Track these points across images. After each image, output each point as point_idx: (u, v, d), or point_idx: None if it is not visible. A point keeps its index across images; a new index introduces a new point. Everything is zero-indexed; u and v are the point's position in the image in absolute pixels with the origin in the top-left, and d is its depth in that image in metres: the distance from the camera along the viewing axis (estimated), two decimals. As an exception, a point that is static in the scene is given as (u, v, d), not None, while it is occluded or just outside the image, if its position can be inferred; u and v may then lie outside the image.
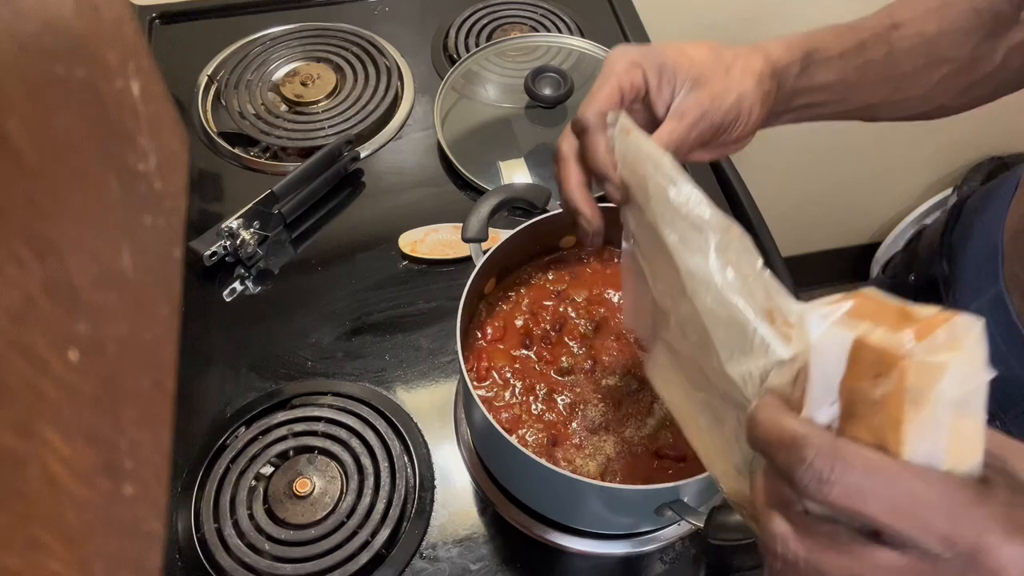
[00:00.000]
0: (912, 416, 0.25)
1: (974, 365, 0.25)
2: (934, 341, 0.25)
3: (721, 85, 0.51)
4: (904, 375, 0.25)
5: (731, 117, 0.51)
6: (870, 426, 0.26)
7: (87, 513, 0.22)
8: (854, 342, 0.26)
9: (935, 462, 0.26)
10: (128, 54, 0.30)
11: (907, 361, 0.25)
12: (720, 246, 0.34)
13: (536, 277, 0.68)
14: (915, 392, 0.25)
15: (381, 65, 0.97)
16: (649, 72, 0.50)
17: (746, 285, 0.33)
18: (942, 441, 0.26)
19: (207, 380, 0.73)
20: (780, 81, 0.55)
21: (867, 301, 0.27)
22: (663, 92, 0.51)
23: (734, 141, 0.55)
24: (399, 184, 0.88)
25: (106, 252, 0.25)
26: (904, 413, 0.25)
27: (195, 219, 0.83)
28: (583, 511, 0.62)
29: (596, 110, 0.48)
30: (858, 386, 0.26)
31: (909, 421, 0.25)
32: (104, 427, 0.23)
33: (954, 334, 0.25)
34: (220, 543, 0.62)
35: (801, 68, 0.56)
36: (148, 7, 1.03)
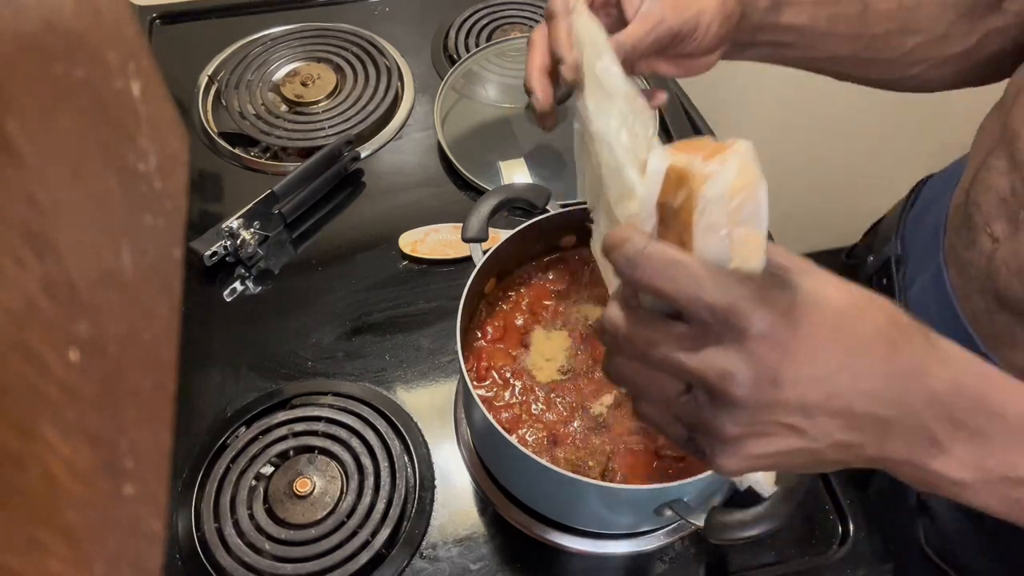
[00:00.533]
0: (697, 217, 0.32)
1: (743, 180, 0.31)
2: (716, 159, 0.32)
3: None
4: (691, 185, 0.32)
5: (689, 27, 0.56)
6: (674, 232, 0.34)
7: (87, 513, 0.22)
8: (668, 167, 0.34)
9: (721, 259, 0.33)
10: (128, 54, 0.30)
11: (694, 172, 0.32)
12: (622, 113, 0.42)
13: (536, 277, 0.68)
14: (698, 198, 0.32)
15: (381, 65, 0.97)
16: None
17: (634, 144, 0.40)
18: (724, 243, 0.32)
19: (207, 380, 0.73)
20: (745, 9, 0.59)
21: (698, 142, 0.34)
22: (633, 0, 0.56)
23: (690, 55, 0.59)
24: (399, 184, 0.88)
25: (106, 252, 0.25)
26: (692, 216, 0.32)
27: (195, 219, 0.83)
28: (583, 511, 0.62)
29: (563, 1, 0.54)
30: (666, 200, 0.34)
31: (694, 219, 0.32)
32: (104, 427, 0.23)
33: (728, 153, 0.32)
34: (220, 543, 0.62)
35: (770, 3, 0.60)
36: (148, 7, 1.03)
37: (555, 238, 0.67)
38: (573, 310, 0.66)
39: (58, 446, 0.20)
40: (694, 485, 0.53)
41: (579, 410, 0.61)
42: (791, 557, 0.64)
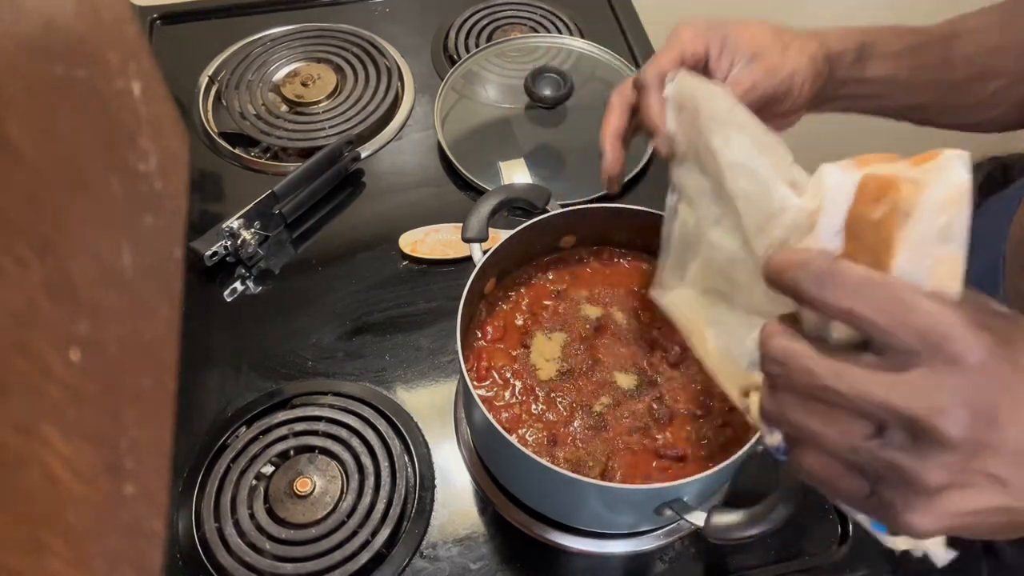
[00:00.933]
0: (902, 227, 0.29)
1: (958, 191, 0.29)
2: (926, 166, 0.29)
3: (777, 61, 0.55)
4: (899, 193, 0.29)
5: (783, 90, 0.55)
6: (868, 246, 0.30)
7: (88, 512, 0.22)
8: (863, 176, 0.30)
9: (919, 281, 0.30)
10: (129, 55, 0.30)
11: (901, 180, 0.29)
12: (758, 142, 0.40)
13: (536, 277, 0.68)
14: (906, 208, 0.29)
15: (381, 65, 0.97)
16: (712, 43, 0.55)
17: (776, 167, 0.38)
18: (926, 261, 0.29)
19: (208, 380, 0.73)
20: (832, 66, 0.58)
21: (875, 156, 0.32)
22: (723, 63, 0.55)
23: (782, 115, 0.58)
24: (399, 184, 0.88)
25: (107, 252, 0.25)
26: (895, 229, 0.29)
27: (196, 219, 0.83)
28: (583, 511, 0.62)
29: (656, 71, 0.53)
30: (861, 212, 0.30)
31: (899, 235, 0.29)
32: (105, 427, 0.23)
33: (941, 161, 0.29)
34: (221, 542, 0.62)
35: (855, 58, 0.59)
36: (149, 7, 1.03)
37: (555, 238, 0.67)
38: (573, 310, 0.66)
39: (59, 446, 0.20)
40: (694, 485, 0.53)
41: (579, 410, 0.61)
42: (791, 557, 0.64)
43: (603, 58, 0.96)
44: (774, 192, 0.37)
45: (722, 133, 0.43)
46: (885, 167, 0.30)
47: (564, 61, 0.97)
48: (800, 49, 0.56)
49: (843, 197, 0.31)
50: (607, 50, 0.96)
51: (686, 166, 0.50)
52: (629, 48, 1.01)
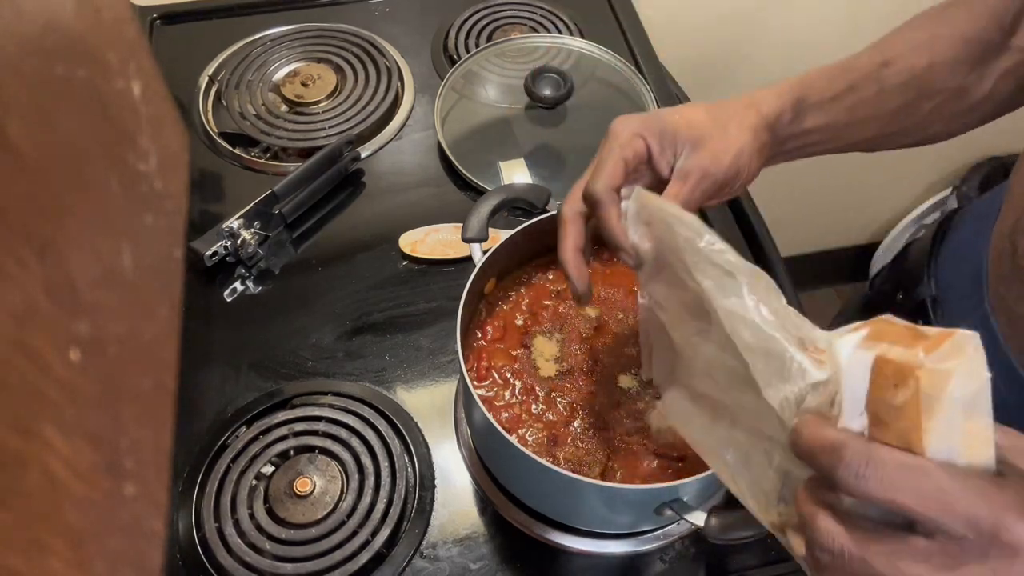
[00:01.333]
0: (928, 417, 0.29)
1: (976, 369, 0.29)
2: (941, 352, 0.29)
3: (720, 145, 0.53)
4: (919, 382, 0.29)
5: (732, 172, 0.54)
6: (895, 431, 0.30)
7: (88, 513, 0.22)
8: (876, 359, 0.31)
9: (953, 458, 0.29)
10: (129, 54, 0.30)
11: (921, 370, 0.29)
12: (751, 287, 0.39)
13: (536, 277, 0.68)
14: (928, 396, 0.29)
15: (381, 65, 0.97)
16: (651, 139, 0.53)
17: (778, 320, 0.37)
18: (957, 438, 0.29)
19: (208, 380, 0.73)
20: (773, 132, 0.57)
21: (884, 325, 0.32)
22: (666, 155, 0.54)
23: (737, 190, 0.57)
24: (399, 184, 0.88)
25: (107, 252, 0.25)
26: (921, 416, 0.29)
27: (196, 219, 0.84)
28: (583, 511, 0.62)
29: (605, 184, 0.51)
30: (882, 397, 0.30)
31: (927, 422, 0.29)
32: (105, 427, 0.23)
33: (956, 345, 0.29)
34: (221, 542, 0.62)
35: (793, 115, 0.58)
36: (149, 7, 1.03)
37: (555, 238, 0.67)
38: (573, 310, 0.66)
39: (58, 446, 0.20)
40: (694, 485, 0.53)
41: (579, 410, 0.61)
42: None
43: (603, 58, 0.96)
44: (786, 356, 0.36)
45: (710, 274, 0.42)
46: (899, 352, 0.30)
47: (564, 61, 0.97)
48: (739, 126, 0.54)
49: (861, 378, 0.31)
50: (607, 50, 0.96)
51: (658, 277, 0.49)
52: (629, 48, 1.01)
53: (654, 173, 0.54)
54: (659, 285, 0.49)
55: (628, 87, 0.94)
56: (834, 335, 0.33)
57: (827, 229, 1.80)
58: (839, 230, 1.82)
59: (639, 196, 0.50)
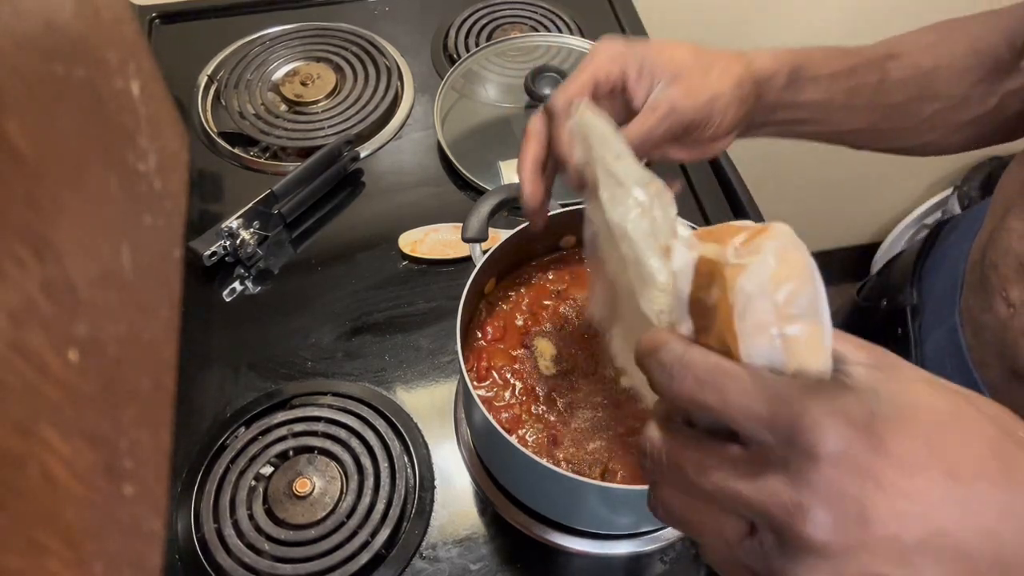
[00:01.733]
0: (733, 314, 0.27)
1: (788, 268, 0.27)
2: (750, 247, 0.27)
3: (697, 83, 0.52)
4: (725, 280, 0.27)
5: (703, 115, 0.52)
6: (715, 334, 0.28)
7: (87, 513, 0.22)
8: (698, 258, 0.29)
9: (775, 363, 0.27)
10: (128, 54, 0.30)
11: (727, 267, 0.27)
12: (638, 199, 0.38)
13: (536, 277, 0.68)
14: (731, 293, 0.27)
15: (381, 65, 0.97)
16: (629, 66, 0.52)
17: (654, 229, 0.36)
18: (776, 342, 0.27)
19: (207, 380, 0.73)
20: (761, 90, 0.55)
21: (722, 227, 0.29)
22: (642, 85, 0.52)
23: (708, 140, 0.55)
24: (399, 184, 0.88)
25: (106, 252, 0.25)
26: (733, 317, 0.27)
27: (195, 219, 0.83)
28: (583, 511, 0.62)
29: (566, 96, 0.50)
30: (699, 297, 0.29)
31: (738, 323, 0.27)
32: (104, 427, 0.23)
33: (761, 241, 0.27)
34: (220, 543, 0.62)
35: (787, 81, 0.56)
36: (148, 7, 1.03)
37: (555, 238, 0.67)
38: (573, 310, 0.66)
39: (58, 446, 0.20)
40: (694, 485, 0.52)
41: (579, 410, 0.61)
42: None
43: (603, 58, 0.96)
44: (645, 263, 0.35)
45: (608, 185, 0.40)
46: (713, 248, 0.28)
47: (564, 61, 0.97)
48: (723, 71, 0.53)
49: (685, 279, 0.29)
50: (607, 50, 0.96)
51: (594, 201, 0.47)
52: (629, 48, 1.01)
53: (628, 103, 0.53)
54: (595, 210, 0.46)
55: (628, 87, 0.94)
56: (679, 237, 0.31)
57: (828, 229, 1.80)
58: (840, 230, 1.82)
59: (580, 110, 0.48)
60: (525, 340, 0.64)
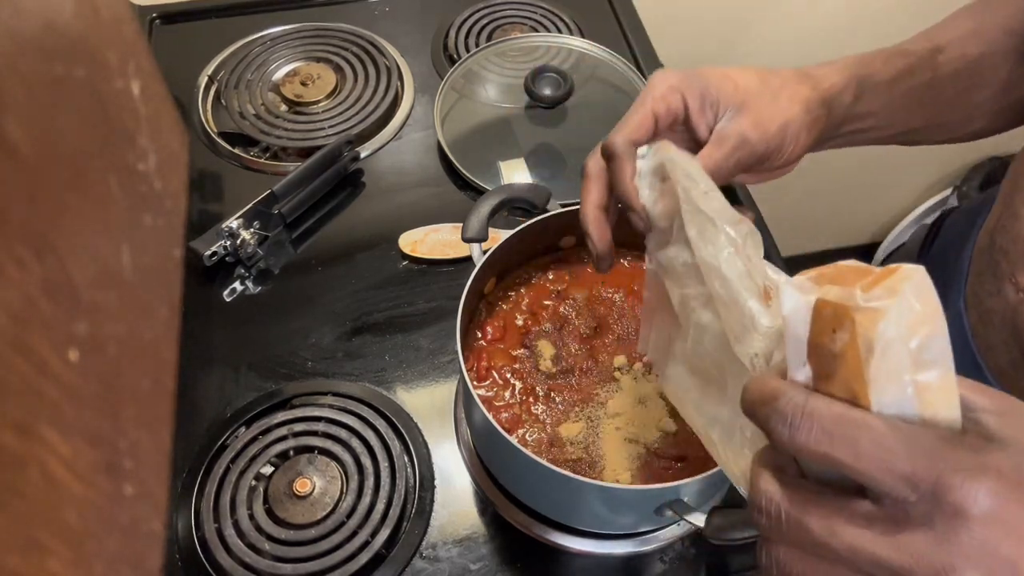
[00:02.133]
0: (869, 365, 0.26)
1: (923, 312, 0.25)
2: (880, 289, 0.26)
3: (767, 112, 0.50)
4: (855, 325, 0.26)
5: (775, 144, 0.50)
6: (839, 382, 0.27)
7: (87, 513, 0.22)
8: (816, 302, 0.27)
9: (906, 412, 0.26)
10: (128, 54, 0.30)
11: (856, 311, 0.26)
12: (730, 237, 0.37)
13: (536, 277, 0.68)
14: (867, 340, 0.25)
15: (381, 65, 0.97)
16: (690, 97, 0.49)
17: (750, 269, 0.35)
18: (908, 391, 0.26)
19: (207, 380, 0.73)
20: (831, 108, 0.53)
21: (839, 269, 0.28)
22: (706, 116, 0.50)
23: (781, 167, 0.53)
24: (399, 184, 0.88)
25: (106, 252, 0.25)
26: (862, 363, 0.26)
27: (195, 219, 0.83)
28: (583, 511, 0.62)
29: (626, 137, 0.47)
30: (821, 342, 0.27)
31: (868, 371, 0.26)
32: (104, 427, 0.23)
33: (895, 282, 0.26)
34: (220, 543, 0.62)
35: (854, 96, 0.54)
36: (148, 7, 1.03)
37: (555, 238, 0.67)
38: (573, 310, 0.66)
39: (58, 446, 0.20)
40: (694, 485, 0.52)
41: (579, 410, 0.61)
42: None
43: (603, 58, 0.96)
44: (743, 305, 0.34)
45: (696, 223, 0.39)
46: (837, 292, 0.27)
47: (564, 61, 0.97)
48: (792, 96, 0.51)
49: (802, 324, 0.28)
50: (607, 50, 0.96)
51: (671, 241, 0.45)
52: (629, 47, 1.01)
53: (691, 135, 0.51)
54: (670, 248, 0.45)
55: (628, 87, 0.94)
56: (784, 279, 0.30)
57: (828, 229, 1.80)
58: (840, 230, 1.82)
59: (659, 148, 0.46)
60: (525, 340, 0.64)
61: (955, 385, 0.26)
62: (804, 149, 0.53)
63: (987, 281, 0.60)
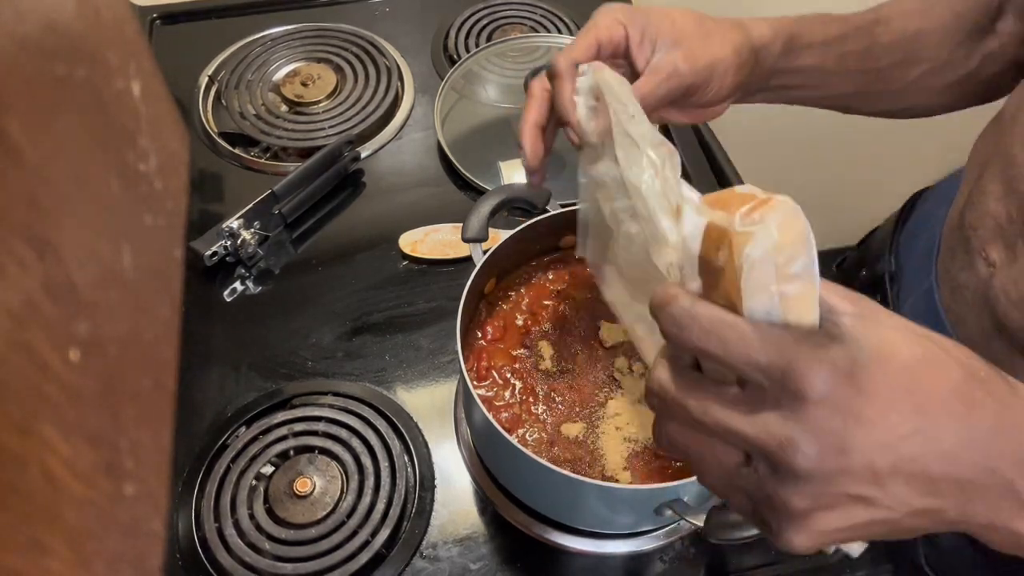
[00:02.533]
0: (740, 277, 0.30)
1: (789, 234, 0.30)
2: (756, 216, 0.30)
3: (698, 49, 0.54)
4: (731, 245, 0.30)
5: (702, 79, 0.54)
6: (721, 293, 0.31)
7: (88, 513, 0.22)
8: (707, 224, 0.32)
9: (773, 317, 0.31)
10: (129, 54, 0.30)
11: (733, 233, 0.30)
12: (651, 159, 0.41)
13: (536, 277, 0.68)
14: (738, 257, 0.30)
15: (381, 65, 0.97)
16: (631, 30, 0.54)
17: (665, 189, 0.39)
18: (775, 301, 0.30)
19: (207, 380, 0.73)
20: (759, 57, 0.58)
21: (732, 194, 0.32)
22: (644, 50, 0.54)
23: (706, 105, 0.57)
24: (399, 184, 0.88)
25: (106, 252, 0.25)
26: (738, 278, 0.30)
27: (196, 219, 0.83)
28: (583, 511, 0.62)
29: (569, 58, 0.52)
30: (708, 259, 0.32)
31: (742, 283, 0.30)
32: (105, 427, 0.23)
33: (765, 212, 0.30)
34: (221, 543, 0.62)
35: (783, 48, 0.59)
36: (148, 7, 1.03)
37: (555, 238, 0.67)
38: (573, 310, 0.66)
39: (58, 446, 0.20)
40: (694, 485, 0.53)
41: (579, 410, 0.61)
42: (790, 557, 0.64)
43: (603, 58, 0.96)
44: (658, 223, 0.38)
45: (623, 144, 0.43)
46: (721, 215, 0.31)
47: (564, 61, 0.97)
48: (723, 38, 0.55)
49: (695, 242, 0.32)
50: (607, 50, 0.96)
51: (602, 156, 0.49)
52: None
53: (631, 66, 0.55)
54: (601, 164, 0.49)
55: (628, 87, 0.94)
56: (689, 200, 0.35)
57: (825, 229, 1.80)
58: (837, 230, 1.82)
59: (595, 70, 0.50)
60: (525, 340, 0.64)
61: (816, 295, 0.31)
62: (731, 88, 0.57)
63: (959, 256, 0.61)
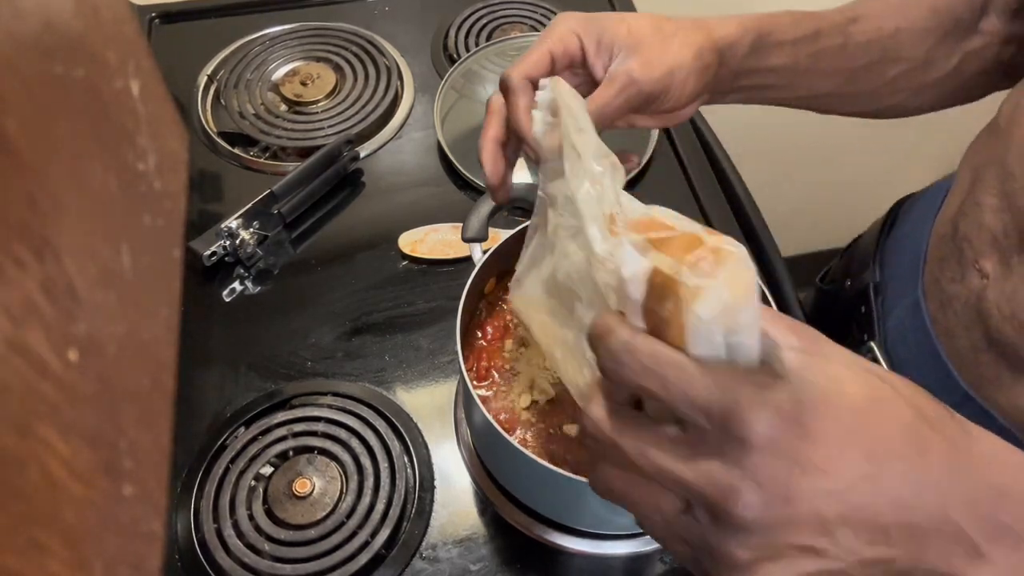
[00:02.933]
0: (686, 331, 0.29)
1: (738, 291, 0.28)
2: (700, 267, 0.29)
3: (656, 55, 0.52)
4: (679, 296, 0.29)
5: (661, 87, 0.52)
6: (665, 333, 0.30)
7: (87, 513, 0.22)
8: (652, 272, 0.30)
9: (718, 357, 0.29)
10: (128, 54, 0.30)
11: (681, 284, 0.29)
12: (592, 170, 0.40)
13: (536, 277, 0.68)
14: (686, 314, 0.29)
15: (381, 65, 0.97)
16: (587, 39, 0.52)
17: (600, 196, 0.38)
18: (721, 350, 0.29)
19: (207, 380, 0.73)
20: (724, 58, 0.56)
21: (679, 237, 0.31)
22: (601, 58, 0.53)
23: (669, 110, 0.56)
24: (399, 184, 0.88)
25: (105, 252, 0.25)
26: (682, 328, 0.29)
27: (195, 219, 0.83)
28: (583, 511, 0.62)
29: (522, 72, 0.50)
30: (653, 307, 0.31)
31: (687, 335, 0.29)
32: (104, 427, 0.23)
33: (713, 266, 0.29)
34: (220, 543, 0.62)
35: (751, 48, 0.57)
36: (148, 7, 1.03)
37: (555, 238, 0.67)
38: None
39: (57, 446, 0.20)
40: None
41: (579, 410, 0.60)
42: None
43: (603, 58, 0.96)
44: (587, 231, 0.37)
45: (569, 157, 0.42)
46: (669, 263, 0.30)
47: (564, 61, 0.97)
48: (683, 42, 0.53)
49: (638, 285, 0.31)
50: (607, 50, 0.96)
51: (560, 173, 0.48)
52: (629, 48, 1.01)
53: (589, 76, 0.53)
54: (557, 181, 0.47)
55: (628, 87, 0.94)
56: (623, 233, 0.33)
57: (827, 229, 1.80)
58: (839, 230, 1.82)
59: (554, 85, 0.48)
60: (525, 340, 0.64)
61: (756, 346, 0.29)
62: (693, 94, 0.55)
63: (949, 267, 0.60)
